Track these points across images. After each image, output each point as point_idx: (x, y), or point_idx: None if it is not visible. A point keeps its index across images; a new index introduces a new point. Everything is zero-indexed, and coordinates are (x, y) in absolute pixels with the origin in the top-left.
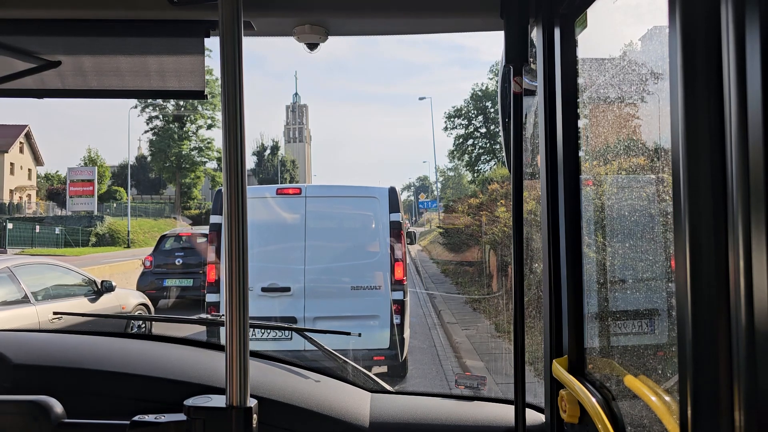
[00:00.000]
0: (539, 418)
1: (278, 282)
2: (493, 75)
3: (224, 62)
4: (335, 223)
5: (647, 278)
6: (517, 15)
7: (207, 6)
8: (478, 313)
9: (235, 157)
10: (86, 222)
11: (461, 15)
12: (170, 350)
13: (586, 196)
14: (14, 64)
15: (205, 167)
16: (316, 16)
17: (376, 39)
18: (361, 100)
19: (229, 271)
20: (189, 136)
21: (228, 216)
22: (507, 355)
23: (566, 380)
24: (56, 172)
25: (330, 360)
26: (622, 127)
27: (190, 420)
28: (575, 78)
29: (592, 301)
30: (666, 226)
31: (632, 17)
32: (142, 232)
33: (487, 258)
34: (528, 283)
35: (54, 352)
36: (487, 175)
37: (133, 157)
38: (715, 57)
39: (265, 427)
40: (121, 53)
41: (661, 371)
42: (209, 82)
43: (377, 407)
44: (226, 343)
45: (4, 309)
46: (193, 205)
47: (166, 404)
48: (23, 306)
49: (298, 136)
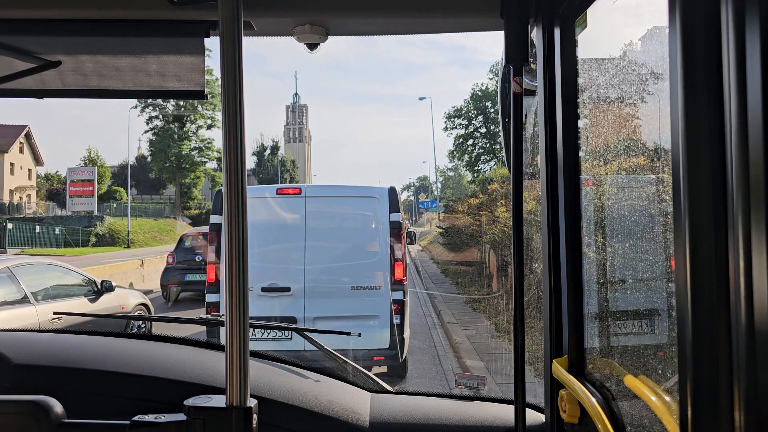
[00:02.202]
0: (539, 418)
1: (278, 282)
2: (493, 75)
3: (224, 62)
4: (335, 223)
5: (647, 278)
6: (517, 15)
7: (207, 6)
8: (478, 313)
9: (235, 157)
10: (86, 222)
11: (461, 15)
12: (170, 350)
13: (586, 196)
14: (14, 64)
15: (205, 167)
16: (316, 16)
17: (376, 39)
18: (361, 100)
19: (229, 271)
20: (189, 136)
21: (228, 216)
22: (507, 355)
23: (566, 380)
24: (56, 172)
25: (330, 360)
26: (622, 127)
27: (190, 420)
28: (575, 78)
29: (592, 301)
30: (666, 226)
31: (632, 17)
32: (142, 232)
33: (487, 258)
34: (528, 283)
35: (54, 352)
36: (487, 175)
37: (133, 157)
38: (715, 57)
39: (265, 427)
40: (121, 53)
41: (661, 371)
42: (209, 82)
43: (377, 407)
44: (226, 343)
45: (3, 309)
46: (193, 205)
47: (166, 404)
48: (23, 306)
49: (298, 136)
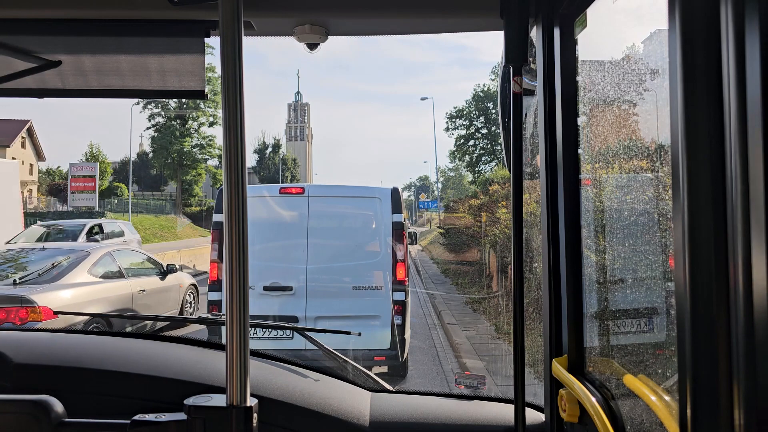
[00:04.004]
0: (539, 417)
1: (280, 281)
2: (494, 76)
3: (225, 62)
4: (338, 222)
5: (647, 278)
6: (517, 15)
7: (207, 6)
8: (478, 314)
9: (236, 158)
10: (87, 218)
11: (461, 15)
12: (170, 349)
13: (586, 196)
14: (15, 64)
15: (206, 164)
16: (316, 16)
17: (377, 39)
18: (363, 100)
19: (230, 270)
20: (191, 133)
21: (228, 215)
22: (507, 356)
23: (566, 380)
24: (58, 168)
25: (330, 359)
26: (622, 126)
27: (191, 419)
28: (575, 78)
29: (592, 300)
30: (665, 225)
31: (632, 17)
32: (143, 228)
33: (487, 258)
34: (528, 283)
35: (54, 351)
36: (488, 176)
37: (135, 153)
38: (715, 57)
39: (266, 427)
40: (121, 53)
41: (660, 371)
42: (211, 80)
43: (377, 406)
44: (227, 342)
45: (108, 281)
46: (194, 202)
47: (166, 403)
48: (120, 280)
49: (300, 135)
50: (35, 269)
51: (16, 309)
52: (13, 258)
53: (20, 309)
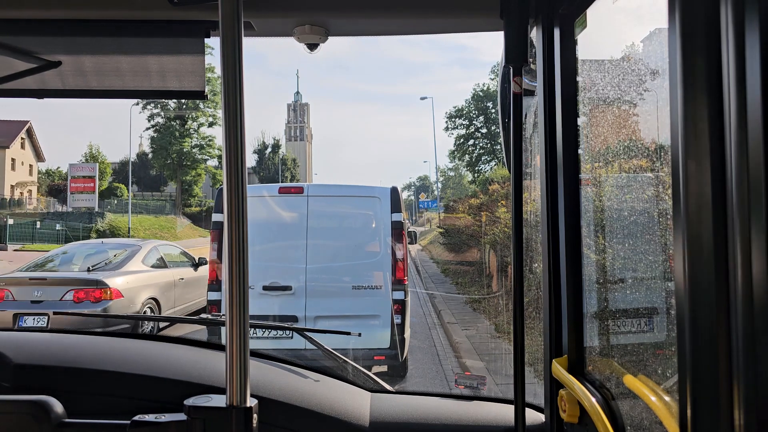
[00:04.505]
0: (539, 417)
1: (279, 281)
2: (494, 76)
3: (224, 63)
4: (337, 222)
5: (647, 278)
6: (517, 15)
7: (207, 6)
8: (478, 314)
9: (236, 158)
10: (87, 218)
11: (461, 15)
12: (170, 350)
13: (586, 196)
14: (14, 64)
15: (206, 165)
16: (316, 16)
17: (377, 39)
18: (362, 100)
19: (230, 270)
20: (190, 134)
21: (228, 215)
22: (507, 356)
23: (566, 380)
24: (57, 168)
25: (330, 359)
26: (622, 127)
27: (191, 420)
28: (575, 78)
29: (592, 300)
30: (665, 225)
31: (632, 17)
32: (143, 229)
33: (487, 258)
34: (528, 283)
35: (54, 351)
36: (488, 176)
37: (135, 153)
38: (715, 57)
39: (266, 427)
40: (121, 53)
41: (660, 371)
42: (211, 80)
43: (377, 407)
44: (227, 342)
45: (156, 270)
46: (193, 202)
47: (166, 404)
48: (163, 269)
49: (300, 135)
50: (102, 260)
51: (93, 290)
52: (79, 250)
53: (96, 290)
